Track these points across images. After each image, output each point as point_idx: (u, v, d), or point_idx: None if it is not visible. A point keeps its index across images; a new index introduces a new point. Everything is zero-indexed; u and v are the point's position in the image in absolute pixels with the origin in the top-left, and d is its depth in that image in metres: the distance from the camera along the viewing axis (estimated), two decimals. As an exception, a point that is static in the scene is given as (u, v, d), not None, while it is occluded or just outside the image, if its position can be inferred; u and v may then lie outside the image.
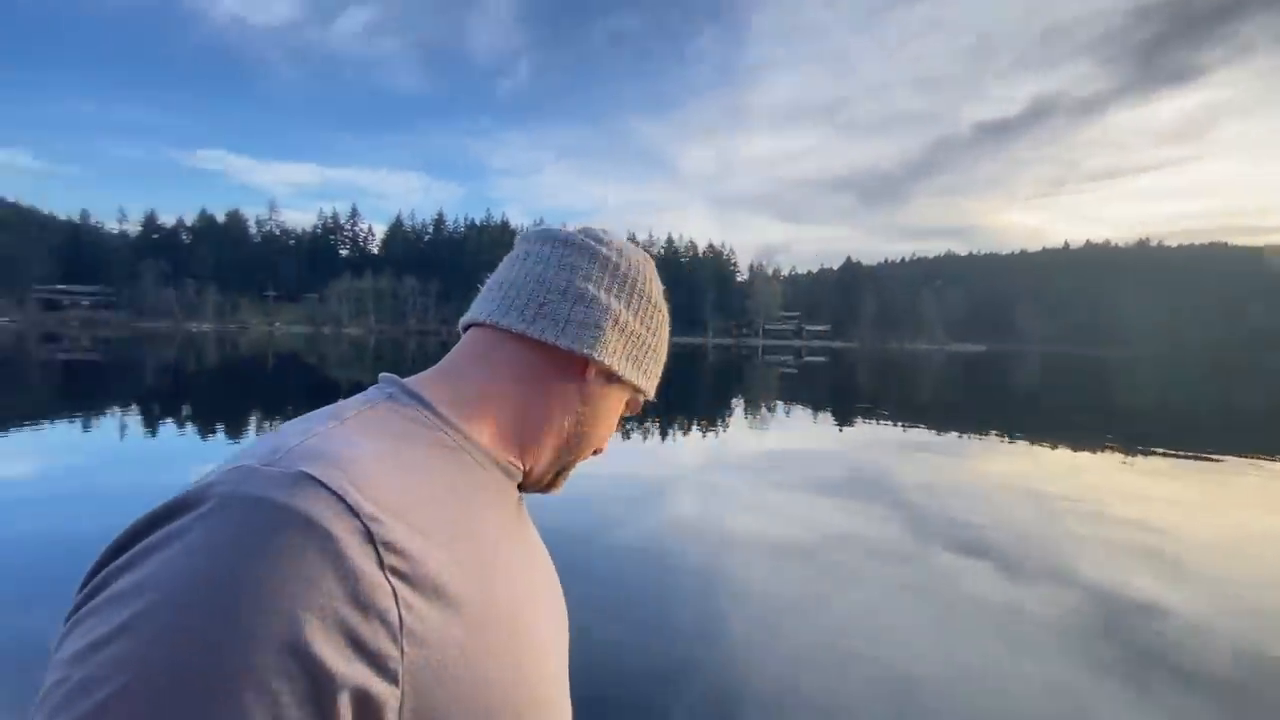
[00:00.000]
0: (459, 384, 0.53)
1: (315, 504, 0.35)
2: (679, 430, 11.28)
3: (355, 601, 0.34)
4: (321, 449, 0.40)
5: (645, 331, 0.59)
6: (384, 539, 0.37)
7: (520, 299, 0.55)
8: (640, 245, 0.62)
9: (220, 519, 0.34)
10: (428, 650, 0.37)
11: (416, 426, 0.48)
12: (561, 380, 0.55)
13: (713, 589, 4.14)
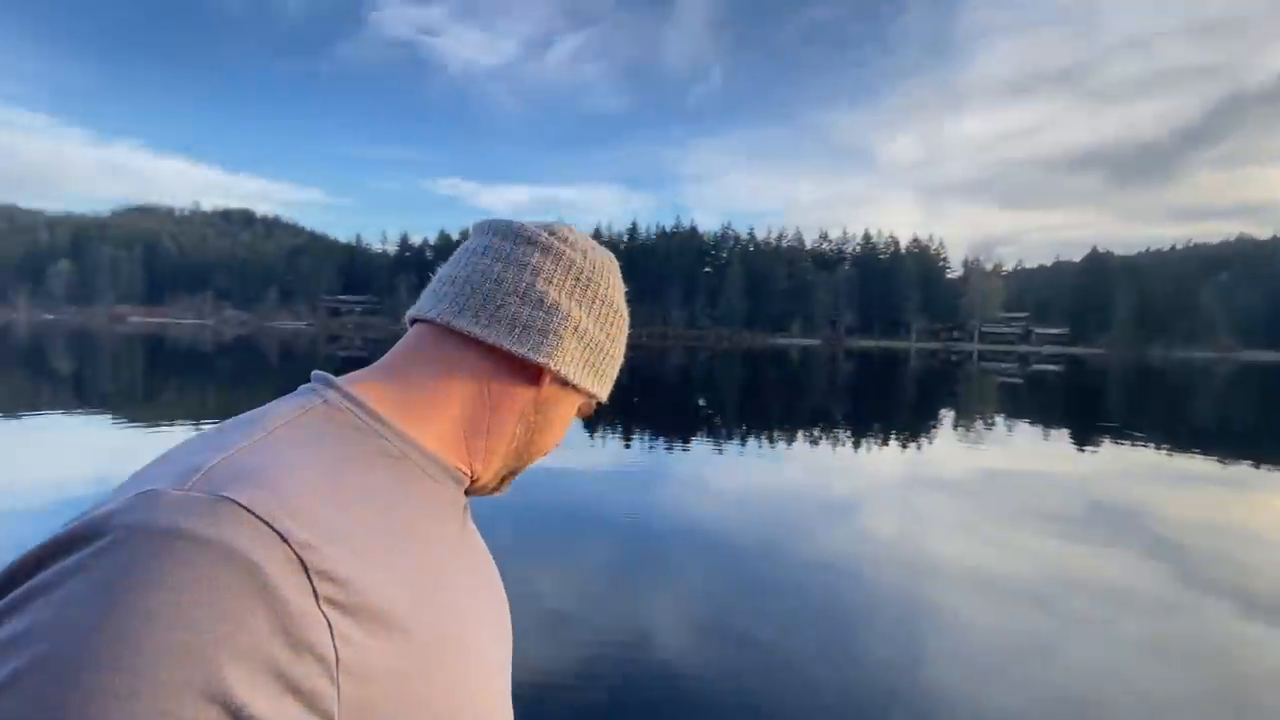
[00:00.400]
0: (403, 385, 0.49)
1: (239, 533, 0.32)
2: (873, 442, 10.43)
3: (286, 639, 0.31)
4: (244, 467, 0.36)
5: (604, 338, 0.56)
6: (318, 568, 0.34)
7: (475, 299, 0.51)
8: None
9: (125, 554, 0.30)
10: (367, 685, 0.35)
11: (354, 433, 0.44)
12: (514, 386, 0.52)
13: (912, 623, 3.68)
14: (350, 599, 0.35)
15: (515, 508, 5.79)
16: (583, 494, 6.41)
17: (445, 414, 0.50)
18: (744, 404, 16.62)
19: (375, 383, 0.49)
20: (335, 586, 0.34)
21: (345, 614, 0.34)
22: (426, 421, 0.48)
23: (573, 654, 3.13)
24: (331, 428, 0.43)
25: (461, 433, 0.51)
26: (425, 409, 0.49)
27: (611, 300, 0.57)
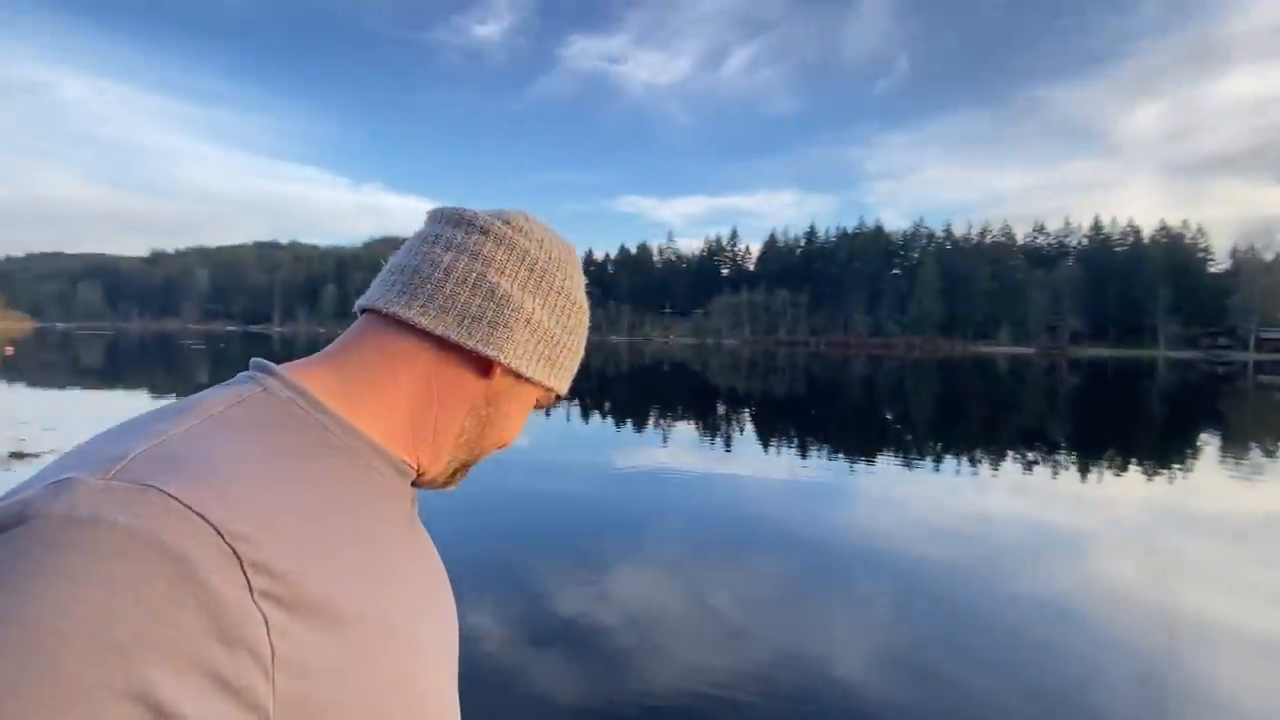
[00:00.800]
0: (347, 374, 0.47)
1: (167, 524, 0.30)
2: (1107, 469, 8.89)
3: (218, 635, 0.30)
4: (174, 454, 0.34)
5: (559, 330, 0.54)
6: (252, 559, 0.33)
7: (425, 289, 0.49)
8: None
9: (39, 545, 0.28)
10: (306, 680, 0.34)
11: (294, 422, 0.42)
12: (464, 378, 0.50)
13: (1157, 688, 3.12)
14: (287, 592, 0.34)
15: (690, 512, 5.97)
16: (754, 508, 6.38)
17: (390, 405, 0.47)
18: (940, 419, 15.09)
19: (318, 371, 0.47)
20: (271, 580, 0.33)
21: (281, 608, 0.33)
22: (371, 412, 0.46)
23: (749, 670, 3.15)
24: (270, 416, 0.41)
25: (408, 424, 0.48)
26: (370, 399, 0.47)
27: (568, 291, 0.55)
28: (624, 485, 7.09)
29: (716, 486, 7.13)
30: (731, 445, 9.92)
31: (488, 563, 4.48)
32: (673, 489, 6.94)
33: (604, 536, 5.23)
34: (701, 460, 8.51)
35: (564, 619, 3.63)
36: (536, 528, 5.41)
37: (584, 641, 3.37)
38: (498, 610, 3.69)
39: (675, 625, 3.58)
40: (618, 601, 3.88)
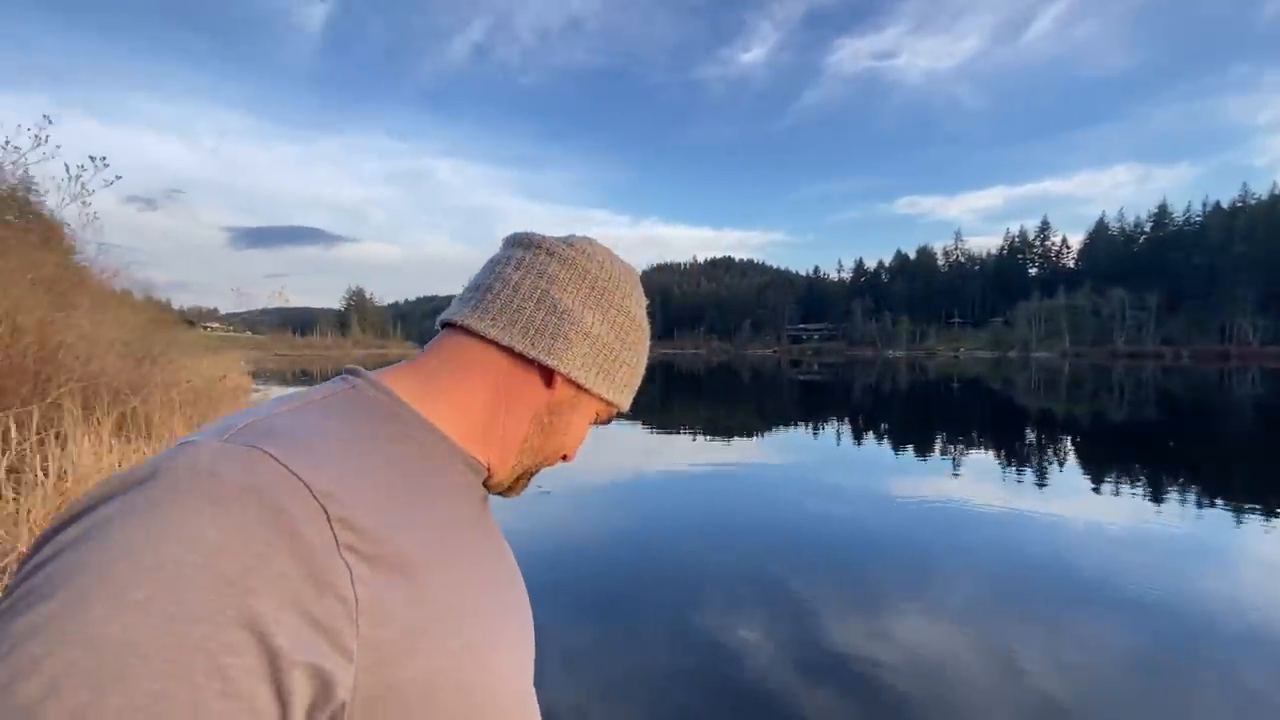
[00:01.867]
0: (426, 379, 0.52)
1: (268, 479, 0.35)
2: None
3: (309, 578, 0.34)
4: (277, 427, 0.40)
5: (619, 344, 0.58)
6: (338, 515, 0.37)
7: (495, 304, 0.54)
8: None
9: (169, 493, 0.33)
10: (384, 630, 0.37)
11: (378, 414, 0.47)
12: (529, 387, 0.55)
13: None
14: (369, 548, 0.38)
15: (986, 553, 4.82)
16: (1082, 558, 4.87)
17: (464, 408, 0.52)
18: None
19: (400, 376, 0.52)
20: (354, 535, 0.37)
21: (364, 561, 0.37)
22: (447, 413, 0.51)
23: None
24: (357, 407, 0.47)
25: (479, 427, 0.53)
26: (446, 401, 0.52)
27: (627, 309, 0.59)
28: (900, 516, 6.16)
29: (1022, 526, 5.73)
30: (1046, 479, 7.99)
31: (769, 587, 4.21)
32: (961, 524, 5.78)
33: (878, 569, 4.53)
34: (1001, 494, 6.99)
35: (838, 655, 3.15)
36: (805, 548, 4.96)
37: (867, 691, 2.86)
38: (792, 650, 3.38)
39: (970, 689, 2.82)
40: (900, 652, 3.24)
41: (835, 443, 11.24)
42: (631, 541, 5.37)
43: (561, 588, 4.25)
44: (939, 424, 14.72)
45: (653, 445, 10.97)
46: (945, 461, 9.26)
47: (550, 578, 4.42)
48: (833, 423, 14.37)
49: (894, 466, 8.97)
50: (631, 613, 3.90)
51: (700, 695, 2.97)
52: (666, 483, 7.79)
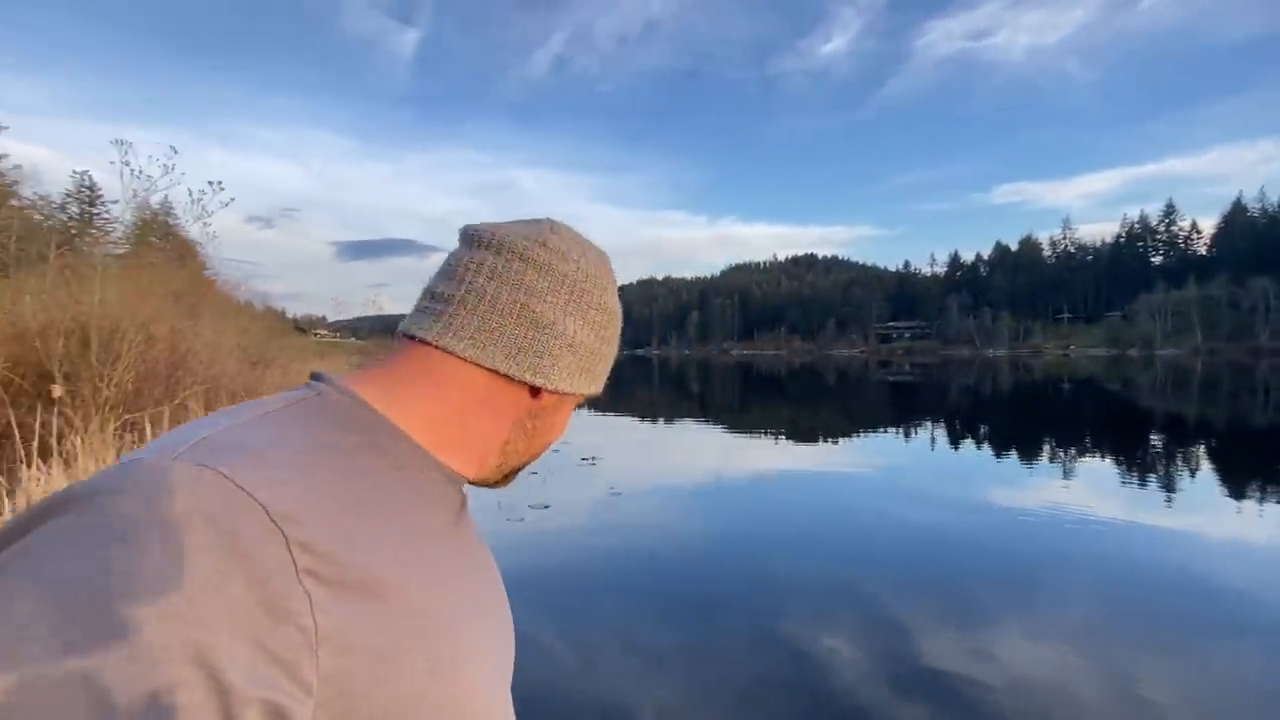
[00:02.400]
0: (398, 386, 0.49)
1: (219, 501, 0.33)
2: None
3: (265, 607, 0.32)
4: (232, 442, 0.37)
5: (599, 343, 0.56)
6: (298, 538, 0.34)
7: (470, 321, 0.50)
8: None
9: (107, 518, 0.31)
10: (347, 658, 0.35)
11: (344, 422, 0.44)
12: (511, 398, 0.52)
13: None
14: (331, 572, 0.35)
15: (1107, 569, 4.29)
16: (1219, 578, 4.24)
17: (440, 419, 0.49)
18: None
19: (370, 381, 0.49)
20: (315, 559, 0.35)
21: (325, 586, 0.35)
22: (421, 422, 0.48)
23: None
24: (322, 416, 0.43)
25: (456, 437, 0.50)
26: (420, 411, 0.48)
27: (605, 305, 0.56)
28: (1003, 526, 5.65)
29: (1146, 542, 5.10)
30: (1174, 490, 7.11)
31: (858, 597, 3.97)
32: (1074, 538, 5.22)
33: (977, 583, 4.15)
34: (1121, 506, 6.28)
35: (931, 672, 2.89)
36: (895, 557, 4.64)
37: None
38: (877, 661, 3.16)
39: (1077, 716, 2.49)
40: (1001, 674, 2.92)
41: (929, 447, 10.57)
42: (712, 545, 5.24)
43: (642, 590, 4.20)
44: (1047, 428, 13.50)
45: (733, 448, 10.75)
46: (1055, 469, 8.47)
47: (630, 580, 4.38)
48: (927, 426, 13.53)
49: (996, 473, 8.29)
50: (713, 617, 3.79)
51: (784, 705, 2.84)
52: (748, 486, 7.59)
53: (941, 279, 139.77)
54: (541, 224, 0.55)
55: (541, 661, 3.22)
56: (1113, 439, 11.67)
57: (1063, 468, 8.56)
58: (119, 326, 6.64)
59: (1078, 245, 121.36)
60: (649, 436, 12.66)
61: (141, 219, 14.43)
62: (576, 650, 3.35)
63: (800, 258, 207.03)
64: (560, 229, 0.55)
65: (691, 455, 10.07)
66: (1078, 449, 10.23)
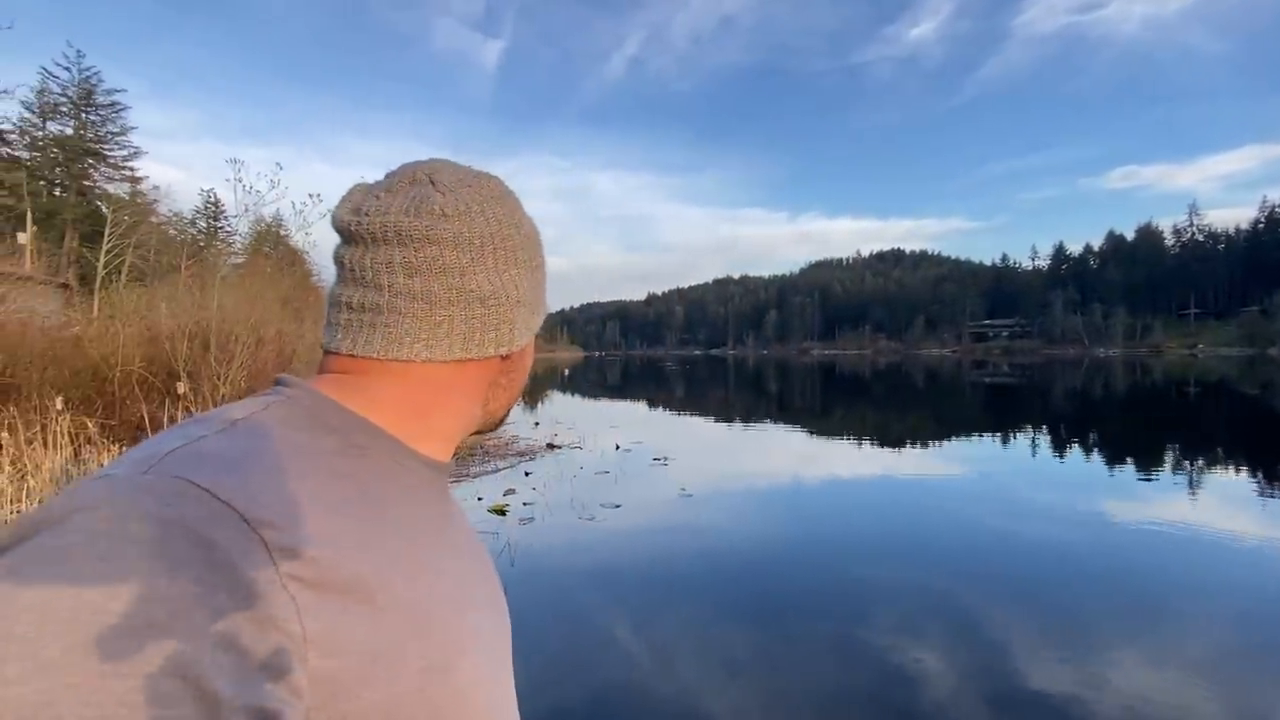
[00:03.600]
0: (368, 383, 0.48)
1: (196, 512, 0.32)
2: None
3: (249, 616, 0.32)
4: (204, 451, 0.36)
5: (536, 275, 0.55)
6: (278, 545, 0.34)
7: (412, 325, 0.47)
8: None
9: (83, 536, 0.30)
10: (337, 660, 0.35)
11: (316, 423, 0.43)
12: (481, 373, 0.52)
13: None
14: (315, 576, 0.35)
15: (1249, 594, 3.77)
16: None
17: (413, 407, 0.49)
18: None
19: (336, 381, 0.48)
20: (298, 564, 0.35)
21: (310, 590, 0.35)
22: (394, 416, 0.47)
23: None
24: (294, 419, 0.43)
25: (430, 425, 0.49)
26: (391, 406, 0.48)
27: (526, 234, 0.54)
28: (1115, 541, 5.11)
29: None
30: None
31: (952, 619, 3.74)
32: (1201, 557, 4.65)
33: (1083, 601, 3.77)
34: (1256, 524, 5.53)
35: (1029, 695, 2.66)
36: (990, 570, 4.32)
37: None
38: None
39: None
40: (1112, 695, 2.64)
41: (1030, 455, 9.79)
42: (788, 550, 5.08)
43: (715, 592, 4.13)
44: (1168, 436, 12.17)
45: (811, 451, 10.42)
46: (1176, 482, 7.61)
47: (702, 582, 4.32)
48: (1027, 431, 12.55)
49: (1105, 485, 7.55)
50: (788, 622, 3.68)
51: (860, 716, 2.74)
52: (827, 491, 7.32)
53: (1044, 273, 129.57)
54: (419, 188, 0.49)
55: (610, 661, 3.22)
56: (1248, 449, 10.36)
57: (1188, 481, 7.68)
58: (233, 330, 7.29)
59: (1207, 233, 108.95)
60: (722, 438, 12.48)
61: (256, 230, 15.84)
62: (647, 650, 3.33)
63: (886, 253, 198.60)
64: (440, 180, 0.49)
65: (767, 458, 9.84)
66: (1205, 460, 9.16)
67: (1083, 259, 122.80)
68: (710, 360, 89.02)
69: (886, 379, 34.48)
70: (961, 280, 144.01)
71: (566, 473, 7.97)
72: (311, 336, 9.52)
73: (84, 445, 5.22)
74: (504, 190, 0.54)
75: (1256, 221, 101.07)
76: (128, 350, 6.84)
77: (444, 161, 0.52)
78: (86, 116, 29.64)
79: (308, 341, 9.46)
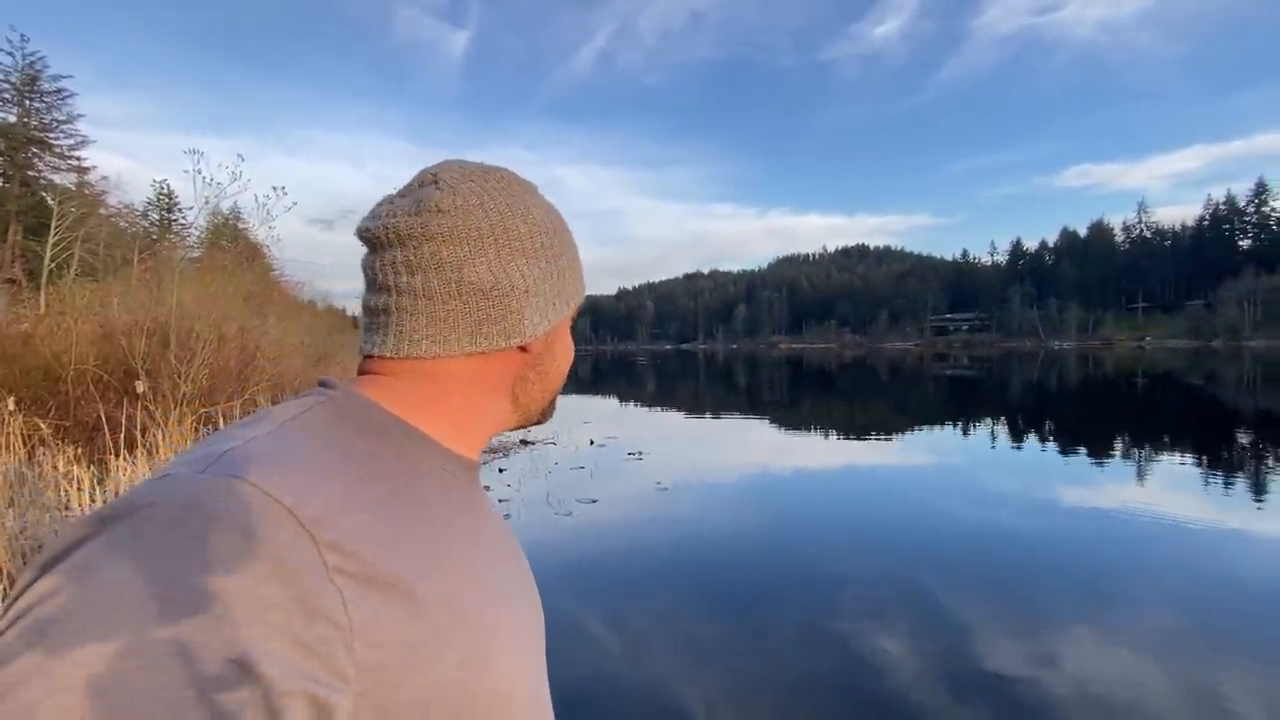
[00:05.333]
0: (394, 383, 0.50)
1: (249, 508, 0.35)
2: None
3: (299, 606, 0.34)
4: (256, 452, 0.39)
5: (552, 265, 0.54)
6: (326, 540, 0.36)
7: (419, 322, 0.49)
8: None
9: (148, 530, 0.33)
10: (381, 651, 0.37)
11: (357, 424, 0.46)
12: (504, 363, 0.53)
13: None
14: (360, 570, 0.37)
15: (1194, 577, 4.02)
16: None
17: (444, 410, 0.51)
18: None
19: (370, 382, 0.50)
20: (344, 558, 0.37)
21: (355, 583, 0.37)
22: (430, 417, 0.50)
23: None
24: (336, 419, 0.45)
25: (463, 423, 0.52)
26: (427, 407, 0.50)
27: (536, 224, 0.53)
28: (1067, 527, 5.36)
29: (1232, 547, 4.74)
30: (1264, 493, 6.60)
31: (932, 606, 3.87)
32: (1148, 539, 4.91)
33: (1038, 583, 3.96)
34: (1201, 509, 5.87)
35: (986, 675, 2.79)
36: (950, 556, 4.49)
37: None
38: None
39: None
40: (1063, 680, 2.79)
41: (989, 445, 10.14)
42: (760, 541, 5.19)
43: (689, 585, 4.20)
44: (1117, 425, 12.75)
45: (780, 444, 10.60)
46: (1125, 469, 8.00)
47: (677, 575, 4.38)
48: (986, 423, 12.99)
49: (1060, 473, 7.88)
50: (760, 613, 3.76)
51: (831, 703, 2.82)
52: (796, 482, 7.47)
53: (1003, 268, 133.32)
54: (424, 189, 0.51)
55: (588, 654, 3.26)
56: (1193, 437, 10.92)
57: (1135, 468, 8.08)
58: (194, 327, 7.07)
59: (1155, 229, 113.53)
60: (696, 432, 12.61)
61: (213, 224, 15.35)
62: (623, 643, 3.38)
63: (851, 248, 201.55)
64: (445, 179, 0.51)
65: (738, 451, 9.98)
66: (1152, 448, 9.63)
67: (1039, 255, 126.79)
68: (681, 355, 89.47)
69: (852, 372, 35.20)
70: (924, 275, 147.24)
71: (541, 469, 7.96)
72: (276, 332, 9.29)
73: (37, 447, 5.02)
74: (511, 181, 0.54)
75: (1201, 219, 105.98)
76: (81, 348, 6.58)
77: (454, 161, 0.54)
78: (30, 104, 28.21)
79: (271, 337, 9.21)
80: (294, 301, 14.07)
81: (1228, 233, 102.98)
